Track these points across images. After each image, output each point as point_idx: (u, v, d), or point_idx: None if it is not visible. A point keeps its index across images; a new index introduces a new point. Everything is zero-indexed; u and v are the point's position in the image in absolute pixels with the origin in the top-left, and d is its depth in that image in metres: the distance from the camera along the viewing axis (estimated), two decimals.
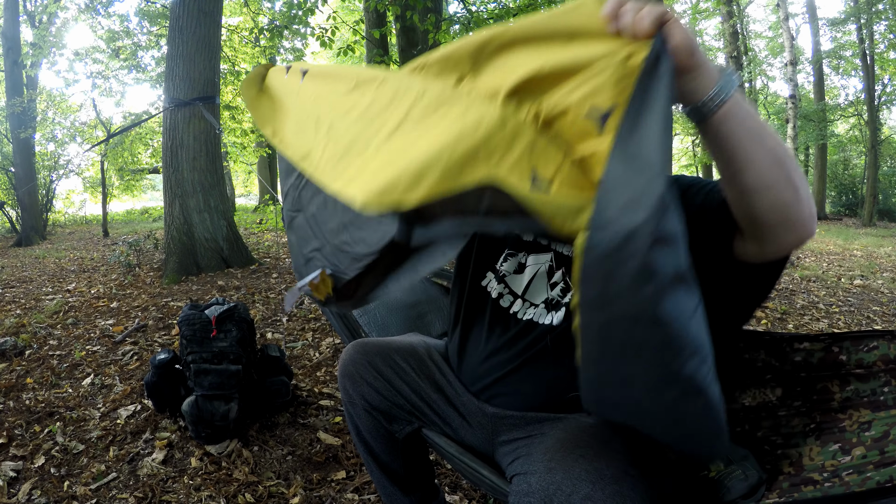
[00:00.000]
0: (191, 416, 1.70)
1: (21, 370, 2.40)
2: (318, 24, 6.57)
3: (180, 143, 4.53)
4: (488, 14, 6.88)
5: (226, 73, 8.28)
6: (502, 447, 0.92)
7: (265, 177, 12.07)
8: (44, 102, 10.07)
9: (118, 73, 9.66)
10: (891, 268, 5.62)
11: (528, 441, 0.86)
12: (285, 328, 3.00)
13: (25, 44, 9.38)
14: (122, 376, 2.33)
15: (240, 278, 4.25)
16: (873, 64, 11.69)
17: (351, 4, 11.76)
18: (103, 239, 8.17)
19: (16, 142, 8.66)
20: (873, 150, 11.40)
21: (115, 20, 9.15)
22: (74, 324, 3.14)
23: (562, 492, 0.69)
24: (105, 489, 1.53)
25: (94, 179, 11.64)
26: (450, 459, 1.02)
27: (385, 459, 1.13)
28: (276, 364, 2.00)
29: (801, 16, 14.53)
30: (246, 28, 9.35)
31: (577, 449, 0.74)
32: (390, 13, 6.34)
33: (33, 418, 1.94)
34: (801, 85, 13.29)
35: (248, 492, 1.52)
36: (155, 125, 10.12)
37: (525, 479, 0.75)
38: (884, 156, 13.22)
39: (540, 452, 0.77)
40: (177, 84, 4.53)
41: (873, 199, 11.49)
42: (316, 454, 1.71)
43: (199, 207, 4.56)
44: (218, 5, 4.76)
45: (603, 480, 0.68)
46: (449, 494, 1.51)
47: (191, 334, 1.78)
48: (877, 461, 0.76)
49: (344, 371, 1.12)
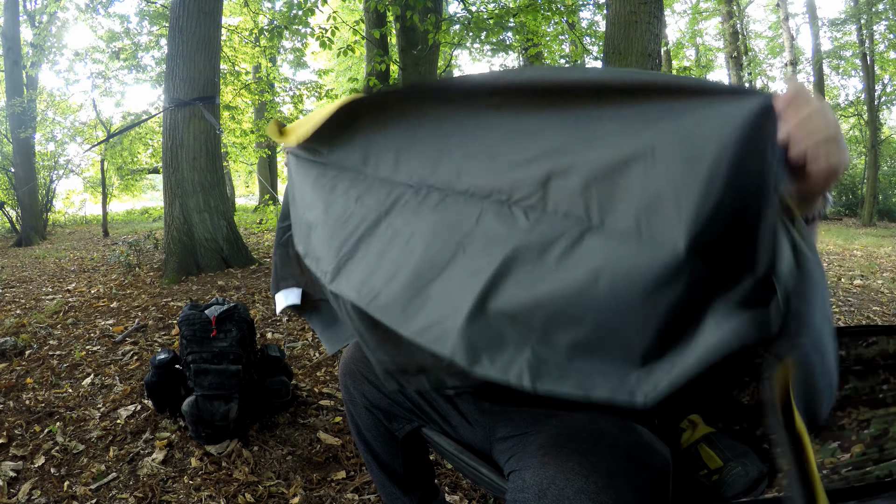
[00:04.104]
0: (191, 416, 1.70)
1: (21, 370, 2.40)
2: (318, 24, 6.58)
3: (180, 143, 4.53)
4: (488, 14, 6.89)
5: (226, 73, 8.28)
6: (499, 444, 0.92)
7: (265, 177, 12.07)
8: (44, 102, 10.08)
9: (118, 73, 9.67)
10: (891, 268, 5.61)
11: (523, 438, 0.87)
12: (285, 328, 3.00)
13: (25, 44, 9.39)
14: (122, 376, 2.33)
15: (240, 278, 4.25)
16: (873, 64, 11.69)
17: (351, 4, 11.76)
18: (103, 239, 8.17)
19: (16, 142, 8.67)
20: (873, 150, 11.40)
21: (115, 20, 9.17)
22: (74, 324, 3.14)
23: (555, 486, 0.69)
24: (105, 489, 1.53)
25: (94, 179, 11.65)
26: (450, 458, 1.03)
27: (385, 458, 1.13)
28: (276, 364, 2.00)
29: (801, 16, 14.55)
30: (246, 28, 9.34)
31: (571, 443, 0.74)
32: (390, 13, 6.34)
33: (33, 418, 1.94)
34: None
35: (248, 492, 1.52)
36: (155, 125, 10.13)
37: (520, 475, 0.75)
38: (884, 156, 13.20)
39: (534, 448, 0.77)
40: (177, 84, 4.53)
41: (873, 199, 11.48)
42: (316, 454, 1.71)
43: (199, 207, 4.56)
44: (218, 5, 4.77)
45: (596, 474, 0.68)
46: (449, 494, 1.51)
47: (191, 334, 1.78)
48: (876, 458, 0.76)
49: (345, 369, 1.13)
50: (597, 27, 7.82)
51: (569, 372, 0.52)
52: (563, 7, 6.64)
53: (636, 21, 3.00)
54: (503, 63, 10.74)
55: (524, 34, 6.96)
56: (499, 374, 0.54)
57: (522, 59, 9.02)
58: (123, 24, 9.00)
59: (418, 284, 0.63)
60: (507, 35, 7.58)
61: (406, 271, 0.65)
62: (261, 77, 9.28)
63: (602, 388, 0.52)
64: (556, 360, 0.53)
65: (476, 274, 0.59)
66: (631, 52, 3.01)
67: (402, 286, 0.64)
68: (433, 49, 6.33)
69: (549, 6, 6.27)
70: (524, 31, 6.80)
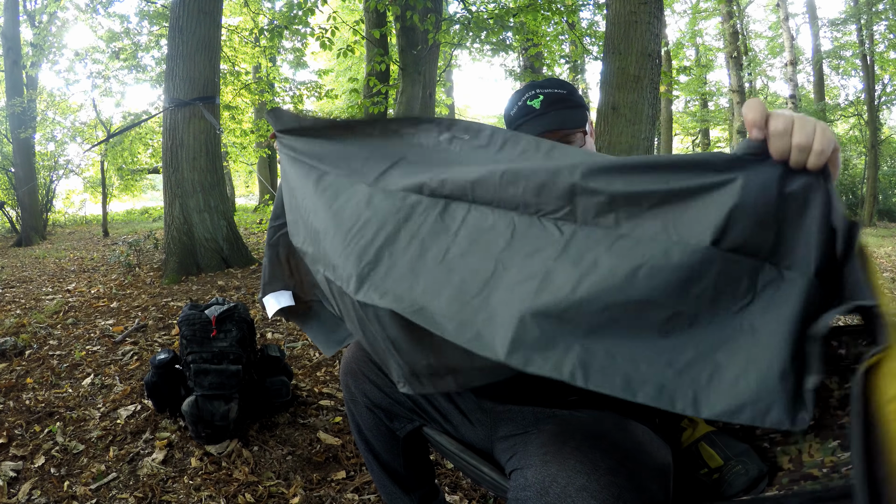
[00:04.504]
0: (191, 416, 1.70)
1: (21, 370, 2.40)
2: (318, 24, 6.58)
3: (180, 143, 4.53)
4: (488, 14, 6.89)
5: (226, 73, 8.28)
6: (500, 443, 0.92)
7: (265, 177, 12.06)
8: (44, 102, 10.08)
9: (118, 73, 9.66)
10: (891, 268, 5.61)
11: (524, 437, 0.87)
12: (285, 328, 3.00)
13: (25, 44, 9.39)
14: (122, 376, 2.33)
15: (240, 278, 4.25)
16: (873, 64, 11.68)
17: (351, 4, 11.75)
18: (103, 239, 8.17)
19: (16, 142, 8.68)
20: (873, 150, 11.39)
21: (115, 20, 9.17)
22: (74, 324, 3.14)
23: (557, 483, 0.69)
24: (105, 489, 1.53)
25: (94, 179, 11.64)
26: (451, 457, 1.03)
27: (386, 458, 1.13)
28: (276, 364, 2.00)
29: (801, 16, 14.55)
30: (246, 28, 9.34)
31: (572, 442, 0.74)
32: (390, 13, 6.34)
33: (33, 418, 1.94)
34: (801, 85, 13.29)
35: (248, 492, 1.52)
36: (155, 125, 10.12)
37: (522, 474, 0.75)
38: (884, 156, 13.20)
39: (536, 447, 0.78)
40: (177, 84, 4.53)
41: (873, 199, 11.48)
42: (316, 454, 1.71)
43: (199, 207, 4.56)
44: (218, 5, 4.77)
45: (598, 472, 0.68)
46: (449, 494, 1.51)
47: (191, 334, 1.78)
48: None
49: (346, 368, 1.13)
50: (597, 27, 7.81)
51: (616, 370, 0.54)
52: (563, 7, 6.64)
53: (636, 21, 2.99)
54: (503, 63, 10.75)
55: (524, 34, 6.96)
56: (553, 372, 0.56)
57: (522, 59, 9.01)
58: (123, 24, 9.00)
59: (464, 298, 0.65)
60: (507, 35, 7.58)
61: (449, 289, 0.67)
62: (261, 77, 9.28)
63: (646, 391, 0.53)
64: (602, 358, 0.55)
65: (521, 284, 0.62)
66: (631, 52, 3.01)
67: (448, 301, 0.66)
68: (433, 49, 6.33)
69: (549, 6, 6.27)
70: (524, 31, 6.79)
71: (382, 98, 6.82)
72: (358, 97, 7.82)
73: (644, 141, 3.03)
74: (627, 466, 0.71)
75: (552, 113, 1.00)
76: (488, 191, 0.72)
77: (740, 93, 13.13)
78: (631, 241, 0.59)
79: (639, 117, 3.01)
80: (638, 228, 0.60)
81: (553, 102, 1.01)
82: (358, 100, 7.68)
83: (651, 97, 3.04)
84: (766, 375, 0.50)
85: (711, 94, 15.80)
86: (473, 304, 0.64)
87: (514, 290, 0.62)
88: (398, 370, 0.83)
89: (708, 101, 16.26)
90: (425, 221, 0.76)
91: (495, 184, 0.71)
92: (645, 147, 3.05)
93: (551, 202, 0.66)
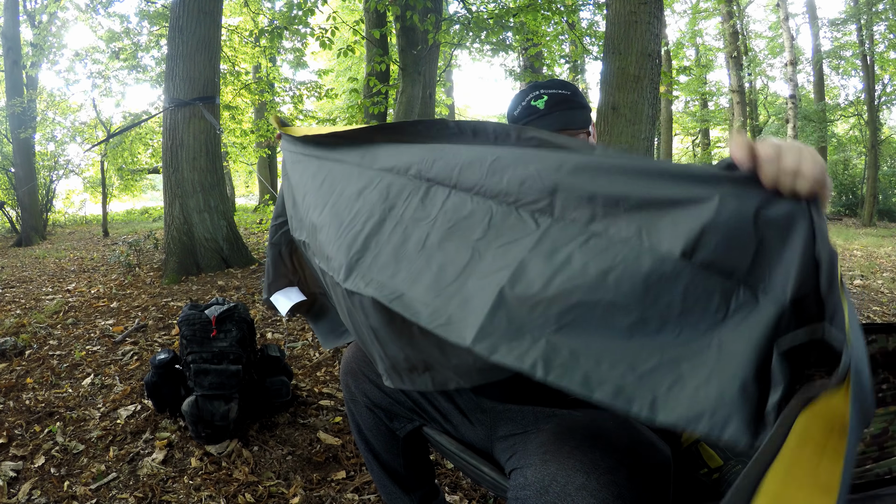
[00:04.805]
0: (191, 416, 1.70)
1: (21, 370, 2.40)
2: (318, 24, 6.57)
3: (180, 143, 4.53)
4: (488, 14, 6.88)
5: (226, 73, 8.28)
6: (500, 443, 0.92)
7: (265, 177, 12.06)
8: (44, 102, 10.07)
9: (118, 73, 9.67)
10: (891, 268, 5.61)
11: (524, 436, 0.87)
12: (285, 328, 3.00)
13: (25, 44, 9.39)
14: (122, 376, 2.33)
15: (240, 278, 4.25)
16: (873, 64, 11.68)
17: (351, 4, 11.74)
18: (103, 239, 8.17)
19: (16, 142, 8.68)
20: (873, 150, 11.40)
21: (115, 20, 9.17)
22: (74, 324, 3.14)
23: (557, 483, 0.69)
24: (105, 489, 1.53)
25: (94, 179, 11.65)
26: (451, 457, 1.03)
27: (386, 458, 1.13)
28: (276, 364, 2.00)
29: (801, 16, 14.56)
30: (246, 28, 9.34)
31: (572, 441, 0.75)
32: (390, 13, 6.34)
33: (33, 418, 1.94)
34: (801, 85, 13.29)
35: (248, 492, 1.52)
36: (155, 125, 10.13)
37: (522, 473, 0.75)
38: (884, 156, 13.20)
39: (536, 446, 0.78)
40: (177, 84, 4.53)
41: (873, 199, 11.48)
42: (316, 454, 1.71)
43: (199, 207, 4.56)
44: (218, 5, 4.77)
45: (597, 471, 0.69)
46: (449, 494, 1.51)
47: (191, 334, 1.78)
48: (876, 456, 0.76)
49: (346, 368, 1.13)
50: (597, 27, 7.80)
51: (577, 367, 0.53)
52: (563, 7, 6.64)
53: (636, 21, 2.99)
54: (503, 63, 10.74)
55: (524, 34, 6.95)
56: (515, 362, 0.56)
57: (522, 59, 9.01)
58: (123, 24, 9.00)
59: (440, 286, 0.66)
60: (507, 35, 7.58)
61: (428, 276, 0.68)
62: (261, 77, 9.27)
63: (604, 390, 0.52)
64: (566, 354, 0.55)
65: (494, 273, 0.63)
66: (631, 52, 3.00)
67: (425, 288, 0.67)
68: (433, 49, 6.33)
69: (549, 6, 6.26)
70: (524, 30, 6.79)
71: (382, 98, 6.81)
72: (358, 97, 7.81)
73: (644, 141, 3.03)
74: (627, 465, 0.71)
75: (556, 113, 1.00)
76: (474, 175, 0.73)
77: (740, 93, 13.14)
78: (604, 241, 0.59)
79: (639, 117, 3.01)
80: (612, 228, 0.60)
81: (557, 103, 1.01)
82: (358, 100, 7.67)
83: (651, 97, 3.03)
84: (727, 388, 0.49)
85: (711, 94, 15.80)
86: (448, 291, 0.64)
87: (487, 279, 0.62)
88: (381, 362, 0.84)
89: (708, 101, 16.26)
90: (408, 207, 0.77)
91: (483, 169, 0.72)
92: (645, 147, 3.05)
93: (532, 193, 0.66)
